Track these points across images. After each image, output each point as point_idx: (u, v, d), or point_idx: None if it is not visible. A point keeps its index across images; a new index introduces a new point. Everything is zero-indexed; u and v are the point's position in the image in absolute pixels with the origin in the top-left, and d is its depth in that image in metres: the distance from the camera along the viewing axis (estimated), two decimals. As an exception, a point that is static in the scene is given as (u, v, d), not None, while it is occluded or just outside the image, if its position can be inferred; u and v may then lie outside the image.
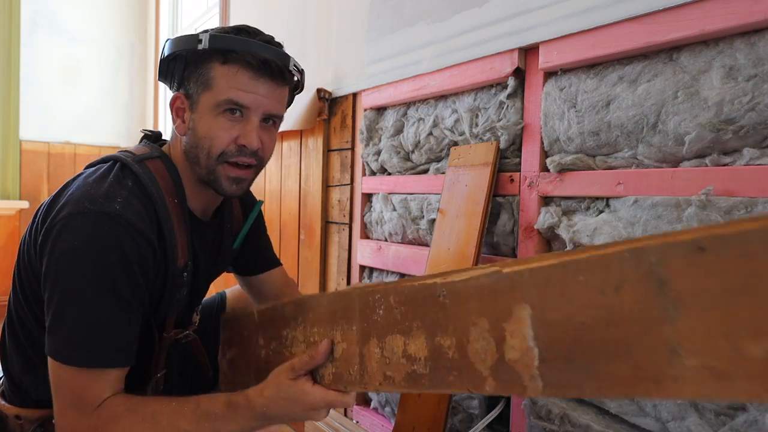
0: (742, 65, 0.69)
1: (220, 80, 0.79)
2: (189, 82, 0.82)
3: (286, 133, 1.81)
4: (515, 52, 0.98)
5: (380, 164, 1.38)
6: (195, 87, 0.82)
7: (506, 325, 0.49)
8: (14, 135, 2.95)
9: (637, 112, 0.79)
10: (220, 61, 0.79)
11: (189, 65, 0.82)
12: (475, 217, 1.01)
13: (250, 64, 0.79)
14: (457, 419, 1.13)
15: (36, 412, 0.82)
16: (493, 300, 0.50)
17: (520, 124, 0.98)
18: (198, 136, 0.82)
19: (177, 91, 0.84)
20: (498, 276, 0.50)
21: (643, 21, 0.78)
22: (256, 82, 0.81)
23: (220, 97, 0.79)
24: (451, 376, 0.55)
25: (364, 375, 0.66)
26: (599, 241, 0.83)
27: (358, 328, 0.67)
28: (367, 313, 0.65)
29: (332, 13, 1.59)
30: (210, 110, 0.80)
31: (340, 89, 1.54)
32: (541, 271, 0.46)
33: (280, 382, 0.71)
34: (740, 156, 0.70)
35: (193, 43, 0.80)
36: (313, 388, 0.70)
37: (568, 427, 0.87)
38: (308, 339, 0.77)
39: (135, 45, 3.47)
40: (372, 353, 0.65)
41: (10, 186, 2.95)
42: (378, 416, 1.38)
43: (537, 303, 0.47)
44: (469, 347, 0.53)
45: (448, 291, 0.55)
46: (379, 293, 0.63)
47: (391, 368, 0.62)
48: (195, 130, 0.82)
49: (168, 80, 0.85)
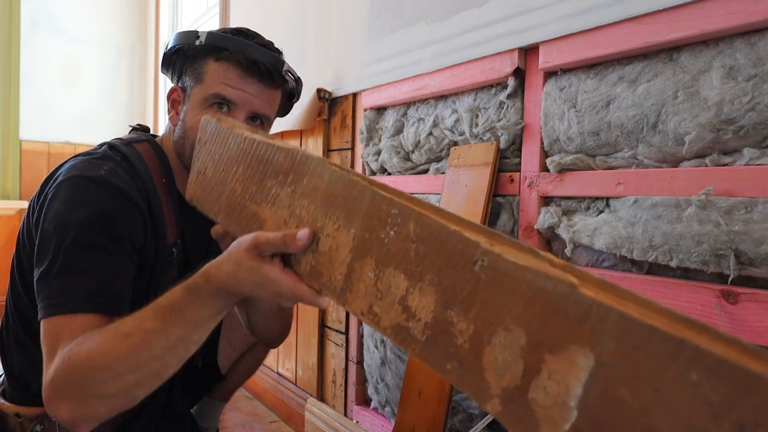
0: (742, 65, 0.69)
1: (211, 75, 0.83)
2: (185, 75, 0.87)
3: (286, 133, 1.81)
4: (515, 52, 0.98)
5: (380, 164, 1.38)
6: (189, 80, 0.86)
7: (550, 357, 0.37)
8: (14, 135, 2.95)
9: (637, 112, 0.79)
10: (214, 57, 0.83)
11: (187, 60, 0.86)
12: (475, 217, 1.01)
13: (240, 63, 0.83)
14: (457, 419, 1.13)
15: (35, 410, 0.82)
16: (547, 317, 0.37)
17: (520, 124, 0.98)
18: (186, 126, 0.85)
19: (176, 83, 0.89)
20: (569, 292, 0.36)
21: (643, 21, 0.78)
22: (245, 81, 0.83)
23: (209, 91, 0.83)
24: (449, 365, 0.44)
25: (346, 291, 0.53)
26: (599, 241, 0.83)
27: (357, 235, 0.52)
28: (373, 223, 0.51)
29: (332, 13, 1.59)
30: (199, 103, 0.84)
31: (340, 89, 1.54)
32: (641, 327, 0.32)
33: (240, 259, 0.60)
34: (740, 156, 0.70)
35: (192, 38, 0.84)
36: (280, 274, 0.59)
37: (568, 427, 0.87)
38: (293, 209, 0.60)
39: (135, 45, 3.47)
40: (363, 274, 0.52)
41: (10, 186, 2.95)
42: (378, 416, 1.38)
43: (609, 362, 0.33)
44: (488, 350, 0.41)
45: (490, 264, 0.41)
46: (397, 209, 0.49)
47: (381, 306, 0.50)
48: (184, 120, 0.86)
49: (169, 72, 0.90)
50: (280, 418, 1.78)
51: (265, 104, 0.87)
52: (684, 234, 0.72)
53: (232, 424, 1.70)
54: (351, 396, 1.47)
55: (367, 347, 1.40)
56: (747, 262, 0.67)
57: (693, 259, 0.71)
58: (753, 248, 0.66)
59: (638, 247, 0.78)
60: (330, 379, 1.59)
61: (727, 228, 0.68)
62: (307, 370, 1.69)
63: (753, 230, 0.66)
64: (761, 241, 0.65)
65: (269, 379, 1.89)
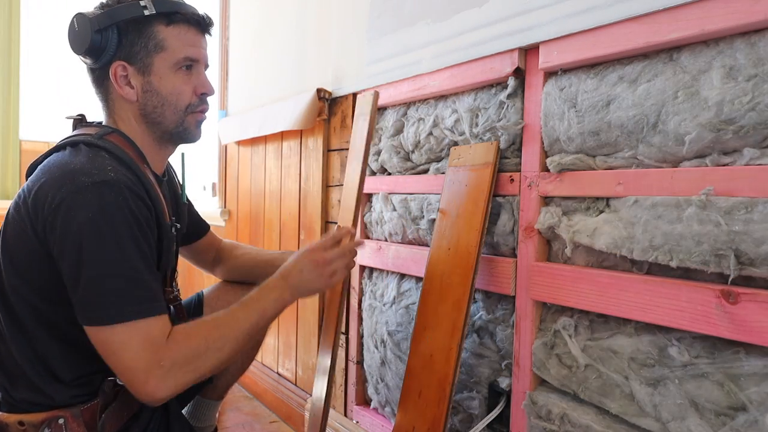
0: (742, 65, 0.69)
1: (173, 40, 0.88)
2: (131, 48, 0.87)
3: (286, 133, 1.81)
4: (515, 52, 0.98)
5: (380, 164, 1.38)
6: (143, 51, 0.87)
7: None
8: (14, 135, 2.95)
9: (638, 112, 0.79)
10: (164, 23, 0.87)
11: (128, 33, 0.86)
12: (475, 217, 1.01)
13: (196, 22, 0.90)
14: (457, 419, 1.13)
15: (40, 415, 0.81)
16: None
17: (520, 124, 0.98)
18: (163, 94, 0.89)
19: (113, 59, 0.87)
20: None
21: (643, 21, 0.78)
22: (200, 38, 0.93)
23: (178, 56, 0.88)
24: None
25: None
26: (599, 241, 0.83)
27: None
28: None
29: (332, 13, 1.59)
30: (169, 69, 0.88)
31: (340, 89, 1.54)
32: None
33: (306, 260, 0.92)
34: (740, 156, 0.70)
35: (137, 10, 0.85)
36: None
37: (568, 427, 0.87)
38: None
39: (135, 45, 3.47)
40: None
41: (10, 186, 2.95)
42: (378, 416, 1.38)
43: None
44: None
45: None
46: None
47: None
48: (157, 90, 0.89)
49: (94, 53, 0.86)
50: (280, 418, 1.78)
51: (208, 54, 0.97)
52: (684, 234, 0.72)
53: (232, 424, 1.70)
54: (351, 396, 1.47)
55: (367, 347, 1.40)
56: (747, 262, 0.67)
57: (693, 259, 0.71)
58: (753, 248, 0.66)
59: (638, 247, 0.78)
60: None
61: (727, 228, 0.68)
62: (307, 370, 1.69)
63: (753, 230, 0.65)
64: (761, 241, 0.65)
65: (269, 379, 1.89)
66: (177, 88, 0.89)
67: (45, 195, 0.77)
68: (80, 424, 0.81)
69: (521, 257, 0.98)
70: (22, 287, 0.81)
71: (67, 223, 0.74)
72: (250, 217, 2.11)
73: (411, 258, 1.24)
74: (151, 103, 0.89)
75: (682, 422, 0.73)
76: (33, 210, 0.78)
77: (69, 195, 0.75)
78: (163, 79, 0.88)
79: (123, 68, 0.88)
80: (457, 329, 0.99)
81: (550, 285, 0.91)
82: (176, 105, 0.90)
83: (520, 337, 0.97)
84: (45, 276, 0.79)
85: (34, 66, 3.08)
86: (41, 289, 0.81)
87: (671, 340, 0.75)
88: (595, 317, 0.87)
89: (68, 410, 0.81)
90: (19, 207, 0.81)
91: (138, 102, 0.89)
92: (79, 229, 0.74)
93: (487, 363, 1.07)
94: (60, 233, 0.75)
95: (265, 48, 2.03)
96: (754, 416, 0.66)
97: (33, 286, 0.81)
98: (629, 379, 0.80)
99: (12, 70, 2.92)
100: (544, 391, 0.93)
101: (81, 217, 0.74)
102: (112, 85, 0.89)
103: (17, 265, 0.81)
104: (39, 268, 0.79)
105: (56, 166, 0.81)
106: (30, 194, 0.80)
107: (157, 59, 0.87)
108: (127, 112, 0.90)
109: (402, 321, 1.28)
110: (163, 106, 0.89)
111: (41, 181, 0.79)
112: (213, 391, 1.25)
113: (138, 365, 0.74)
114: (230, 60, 2.36)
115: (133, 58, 0.87)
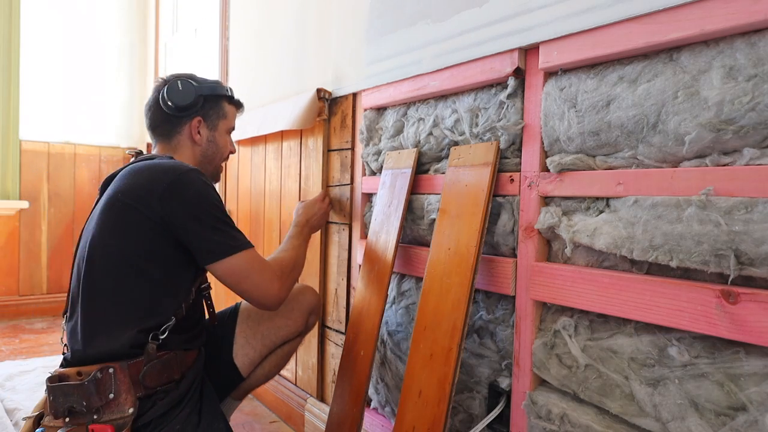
0: (742, 65, 0.69)
1: (230, 114, 1.32)
2: (208, 111, 1.26)
3: (286, 133, 1.81)
4: (515, 52, 0.98)
5: (380, 164, 1.38)
6: (215, 115, 1.28)
7: None
8: (14, 135, 2.95)
9: (638, 112, 0.79)
10: (228, 101, 1.31)
11: (211, 101, 1.27)
12: (475, 217, 1.01)
13: (239, 105, 1.36)
14: (457, 419, 1.13)
15: (94, 367, 0.99)
16: None
17: (520, 124, 0.98)
18: (218, 146, 1.30)
19: (195, 116, 1.24)
20: None
21: (643, 21, 0.78)
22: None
23: (230, 124, 1.33)
24: None
25: None
26: (600, 241, 0.83)
27: None
28: None
29: (332, 13, 1.59)
30: (225, 131, 1.31)
31: (340, 89, 1.54)
32: None
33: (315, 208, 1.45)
34: (740, 156, 0.70)
35: (225, 90, 1.30)
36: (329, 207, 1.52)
37: (568, 427, 0.87)
38: None
39: (135, 45, 3.47)
40: None
41: (10, 186, 2.95)
42: (378, 416, 1.38)
43: None
44: None
45: None
46: None
47: None
48: (215, 143, 1.29)
49: (189, 108, 1.22)
50: (280, 418, 1.78)
51: None
52: (684, 234, 0.72)
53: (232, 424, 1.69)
54: (351, 396, 1.47)
55: (367, 347, 1.40)
56: (747, 262, 0.67)
57: (693, 259, 0.71)
58: (753, 248, 0.66)
59: (638, 247, 0.78)
60: (330, 379, 1.59)
61: (727, 228, 0.68)
62: (307, 370, 1.69)
63: (753, 230, 0.66)
64: (761, 241, 0.65)
65: (269, 379, 1.89)
66: (225, 144, 1.31)
67: (152, 183, 1.04)
68: (126, 375, 0.99)
69: (521, 257, 0.98)
70: (126, 249, 1.03)
71: (181, 195, 1.04)
72: (250, 217, 2.11)
73: (411, 258, 1.24)
74: (210, 150, 1.28)
75: (682, 422, 0.73)
76: (141, 195, 1.03)
77: (177, 177, 1.05)
78: (221, 137, 1.30)
79: (199, 122, 1.25)
80: (457, 329, 0.99)
81: (550, 285, 0.91)
82: (221, 155, 1.31)
83: (520, 337, 0.97)
84: (149, 238, 1.04)
85: (34, 66, 3.08)
86: (146, 251, 1.04)
87: (671, 340, 0.75)
88: (595, 317, 0.87)
89: (118, 363, 0.99)
90: (116, 200, 1.05)
91: (201, 146, 1.26)
92: (194, 196, 1.05)
93: (487, 363, 1.07)
94: (177, 203, 1.03)
95: (265, 48, 2.03)
96: (754, 416, 0.66)
97: (139, 248, 1.04)
98: (629, 379, 0.80)
99: (12, 70, 2.92)
100: (544, 391, 0.93)
101: (191, 190, 1.05)
102: (186, 129, 1.23)
103: (127, 236, 1.04)
104: (148, 236, 1.03)
105: (145, 168, 1.08)
106: (128, 189, 1.05)
107: (221, 123, 1.29)
108: (188, 150, 1.25)
109: (402, 321, 1.28)
110: (215, 153, 1.29)
111: (135, 178, 1.06)
112: (237, 390, 1.35)
113: (266, 276, 1.10)
114: (230, 60, 2.36)
115: (207, 118, 1.26)
